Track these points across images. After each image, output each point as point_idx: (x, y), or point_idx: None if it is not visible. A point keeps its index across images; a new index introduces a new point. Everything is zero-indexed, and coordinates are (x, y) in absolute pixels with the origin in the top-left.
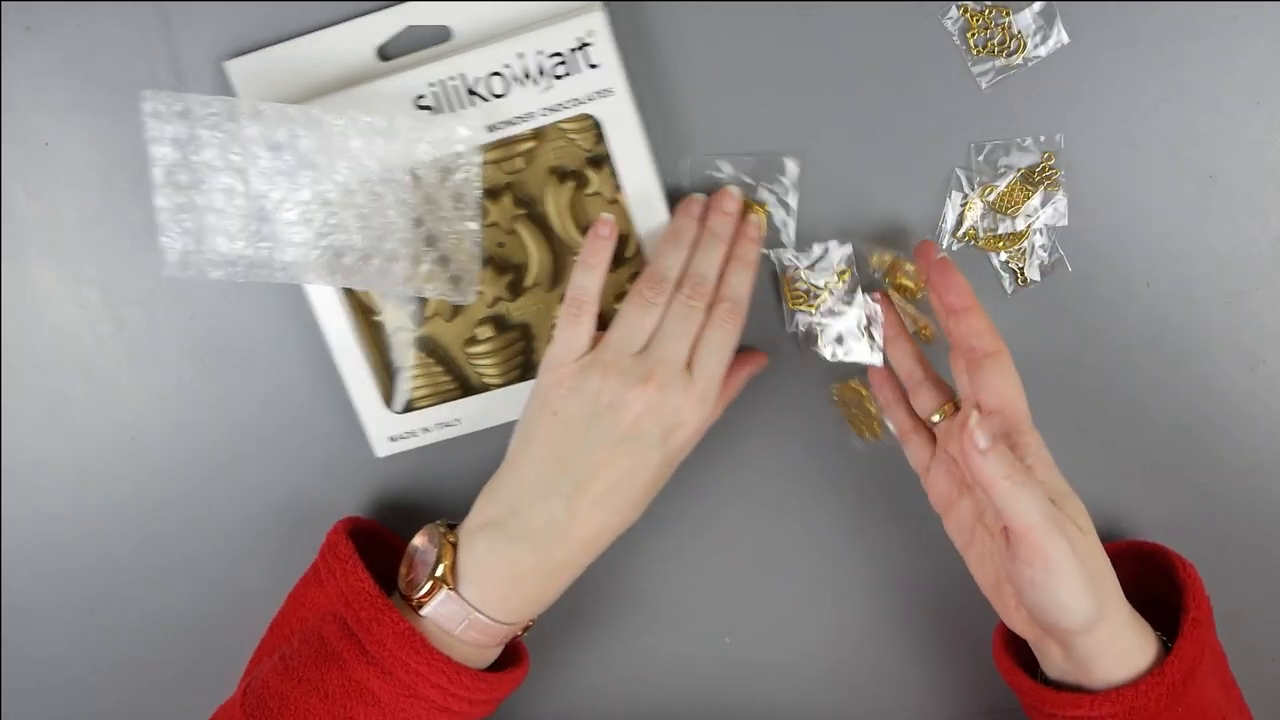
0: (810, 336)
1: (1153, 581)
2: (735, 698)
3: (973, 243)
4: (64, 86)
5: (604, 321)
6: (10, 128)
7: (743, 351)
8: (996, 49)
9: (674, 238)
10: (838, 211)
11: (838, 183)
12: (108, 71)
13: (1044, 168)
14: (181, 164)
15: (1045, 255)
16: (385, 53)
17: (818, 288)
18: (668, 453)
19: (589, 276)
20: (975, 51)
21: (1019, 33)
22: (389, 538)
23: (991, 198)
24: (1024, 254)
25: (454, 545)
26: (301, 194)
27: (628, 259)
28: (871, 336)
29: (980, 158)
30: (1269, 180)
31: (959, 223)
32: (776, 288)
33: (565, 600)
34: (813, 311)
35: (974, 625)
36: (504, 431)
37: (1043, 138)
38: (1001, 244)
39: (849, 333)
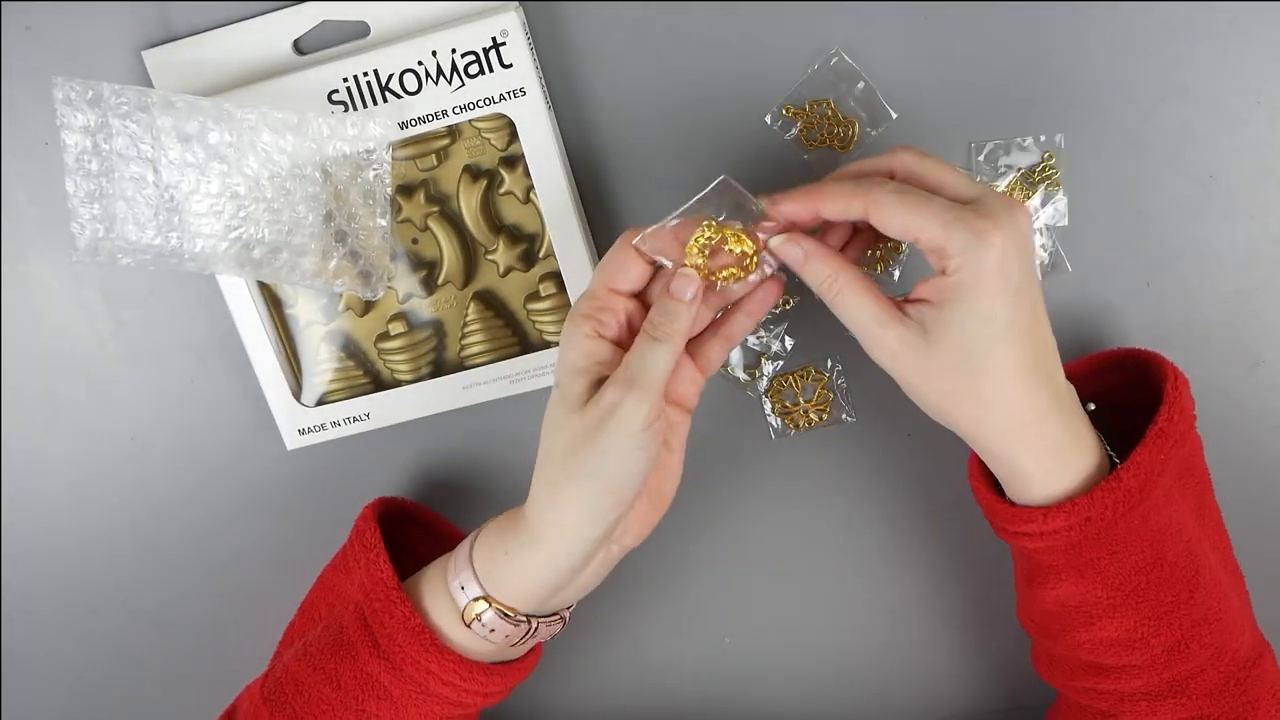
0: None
1: (1141, 388)
2: (735, 698)
3: None
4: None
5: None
6: (10, 128)
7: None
8: (828, 139)
9: None
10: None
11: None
12: (107, 70)
13: (1044, 168)
14: (92, 151)
15: (1045, 255)
16: (301, 47)
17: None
18: (565, 396)
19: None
20: (809, 145)
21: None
22: (426, 516)
23: None
24: None
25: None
26: (211, 186)
27: (540, 258)
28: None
29: (980, 158)
30: (1269, 180)
31: None
32: None
33: None
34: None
35: (974, 625)
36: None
37: (1043, 138)
38: None
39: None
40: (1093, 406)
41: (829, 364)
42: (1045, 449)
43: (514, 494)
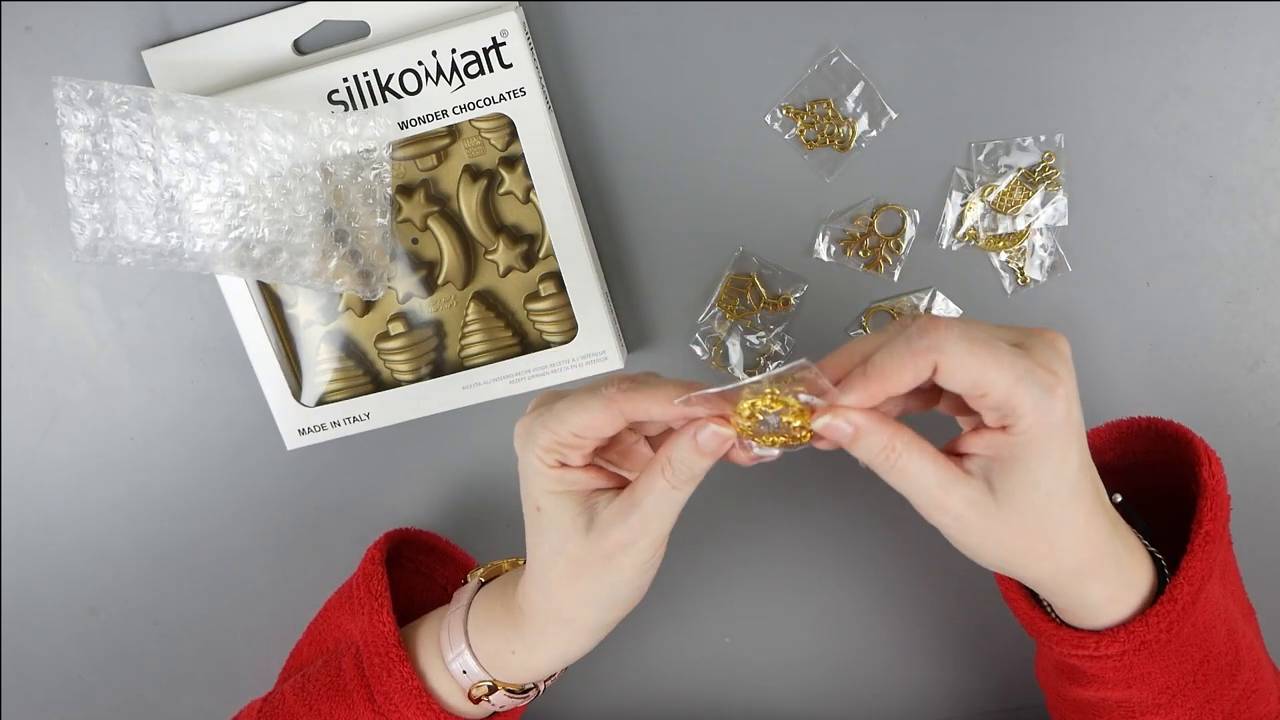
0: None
1: (1168, 461)
2: (735, 698)
3: (973, 243)
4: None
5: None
6: (10, 128)
7: None
8: (828, 139)
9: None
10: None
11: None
12: (107, 70)
13: (1044, 168)
14: (92, 151)
15: (1045, 255)
16: (301, 47)
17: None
18: (522, 464)
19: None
20: (809, 145)
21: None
22: (430, 540)
23: (991, 198)
24: (1024, 254)
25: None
26: (211, 186)
27: (540, 258)
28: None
29: (980, 158)
30: (1269, 180)
31: (959, 223)
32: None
33: None
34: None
35: (974, 625)
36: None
37: (1043, 138)
38: (1001, 244)
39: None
40: (1119, 498)
41: None
42: (1114, 574)
43: (513, 494)
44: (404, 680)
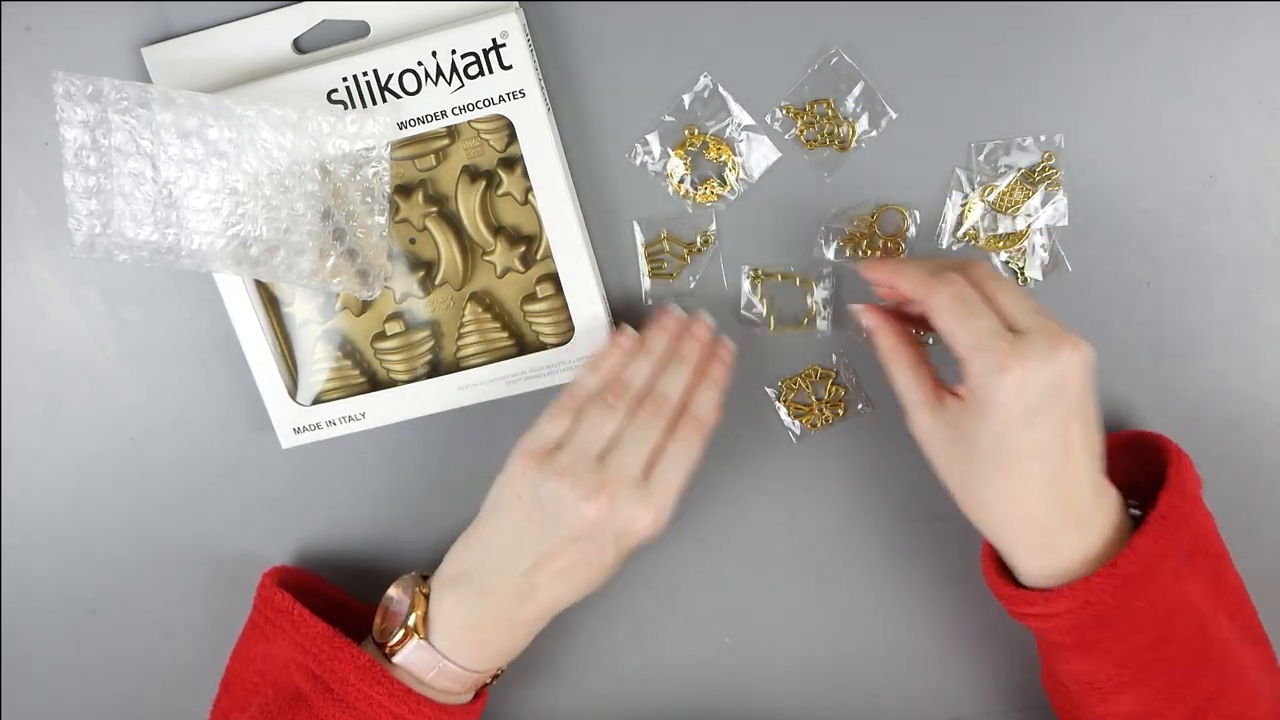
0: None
1: (1154, 476)
2: (735, 698)
3: (973, 243)
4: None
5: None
6: (10, 128)
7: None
8: (828, 139)
9: (645, 350)
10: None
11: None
12: (107, 69)
13: (1044, 168)
14: (90, 147)
15: (1045, 255)
16: (301, 46)
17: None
18: (621, 549)
19: (593, 379)
20: (809, 145)
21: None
22: (315, 583)
23: (991, 198)
24: (1024, 254)
25: (426, 597)
26: (210, 182)
27: (538, 260)
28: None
29: (980, 158)
30: (1269, 180)
31: (959, 223)
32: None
33: None
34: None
35: (974, 626)
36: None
37: (1043, 138)
38: (1001, 244)
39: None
40: (1136, 512)
41: (834, 359)
42: (1040, 549)
43: None
44: (355, 659)
